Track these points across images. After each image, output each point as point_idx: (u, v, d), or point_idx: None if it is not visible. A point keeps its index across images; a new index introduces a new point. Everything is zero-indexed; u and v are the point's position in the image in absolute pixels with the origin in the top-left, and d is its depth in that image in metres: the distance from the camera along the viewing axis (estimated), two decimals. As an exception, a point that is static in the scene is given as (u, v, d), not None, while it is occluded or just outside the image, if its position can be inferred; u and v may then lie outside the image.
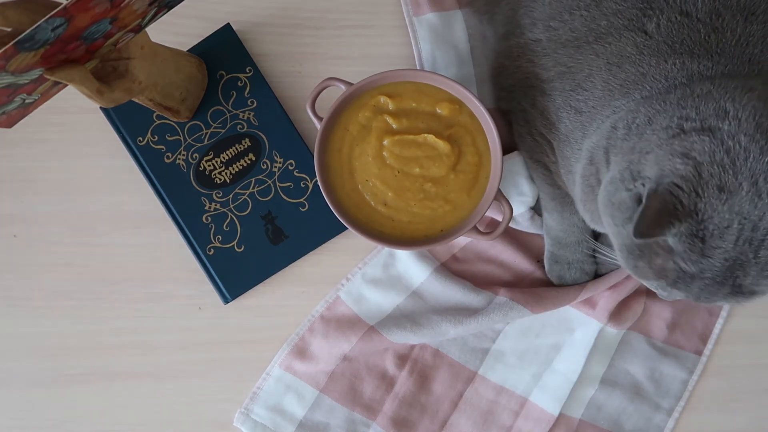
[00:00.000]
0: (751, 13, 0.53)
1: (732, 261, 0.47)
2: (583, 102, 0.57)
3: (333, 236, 0.72)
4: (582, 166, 0.58)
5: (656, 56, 0.53)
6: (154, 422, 0.72)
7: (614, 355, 0.72)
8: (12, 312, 0.72)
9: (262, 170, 0.72)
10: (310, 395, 0.71)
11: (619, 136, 0.53)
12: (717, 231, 0.46)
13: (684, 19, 0.53)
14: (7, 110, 0.52)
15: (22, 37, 0.43)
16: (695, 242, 0.46)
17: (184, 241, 0.72)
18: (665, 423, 0.72)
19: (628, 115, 0.53)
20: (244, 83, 0.72)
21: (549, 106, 0.61)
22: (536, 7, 0.62)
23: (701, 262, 0.47)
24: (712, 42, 0.53)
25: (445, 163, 0.63)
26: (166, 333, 0.73)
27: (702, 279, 0.48)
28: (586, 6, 0.58)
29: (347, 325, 0.71)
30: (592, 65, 0.57)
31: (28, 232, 0.73)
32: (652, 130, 0.50)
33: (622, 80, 0.55)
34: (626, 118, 0.53)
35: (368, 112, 0.64)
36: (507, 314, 0.69)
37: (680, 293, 0.51)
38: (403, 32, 0.74)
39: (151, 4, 0.52)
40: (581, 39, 0.58)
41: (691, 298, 0.50)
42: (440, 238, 0.64)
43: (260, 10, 0.74)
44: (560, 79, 0.60)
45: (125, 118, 0.72)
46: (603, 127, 0.55)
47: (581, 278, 0.70)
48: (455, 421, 0.72)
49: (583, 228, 0.68)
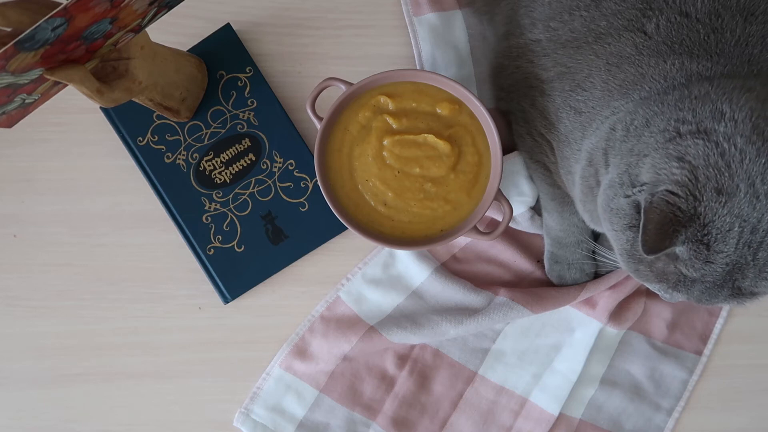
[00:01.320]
0: (751, 14, 0.53)
1: (732, 264, 0.47)
2: (583, 102, 0.57)
3: (333, 236, 0.72)
4: (581, 167, 0.58)
5: (655, 57, 0.53)
6: (154, 422, 0.72)
7: (614, 355, 0.72)
8: (12, 312, 0.72)
9: (262, 170, 0.72)
10: (310, 395, 0.71)
11: (617, 138, 0.53)
12: (720, 235, 0.46)
13: (683, 19, 0.53)
14: (7, 110, 0.52)
15: (22, 37, 0.43)
16: (701, 249, 0.46)
17: (184, 241, 0.72)
18: (665, 423, 0.72)
19: (626, 117, 0.53)
20: (244, 83, 0.72)
21: (548, 106, 0.61)
22: (536, 7, 0.62)
23: (704, 267, 0.47)
24: (711, 42, 0.53)
25: (445, 163, 0.63)
26: (166, 333, 0.73)
27: (703, 283, 0.48)
28: (585, 6, 0.58)
29: (347, 325, 0.72)
30: (591, 66, 0.57)
31: (28, 232, 0.73)
32: (650, 132, 0.50)
33: (621, 80, 0.55)
34: (624, 120, 0.53)
35: (368, 112, 0.64)
36: (507, 314, 0.69)
37: (681, 296, 0.51)
38: (403, 32, 0.74)
39: (151, 4, 0.52)
40: (581, 39, 0.58)
41: (692, 300, 0.50)
42: (440, 238, 0.64)
43: (260, 10, 0.74)
44: (560, 79, 0.60)
45: (125, 118, 0.72)
46: (602, 128, 0.55)
47: (581, 278, 0.70)
48: (455, 421, 0.72)
49: (583, 228, 0.68)
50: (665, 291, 0.51)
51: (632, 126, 0.52)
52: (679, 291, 0.50)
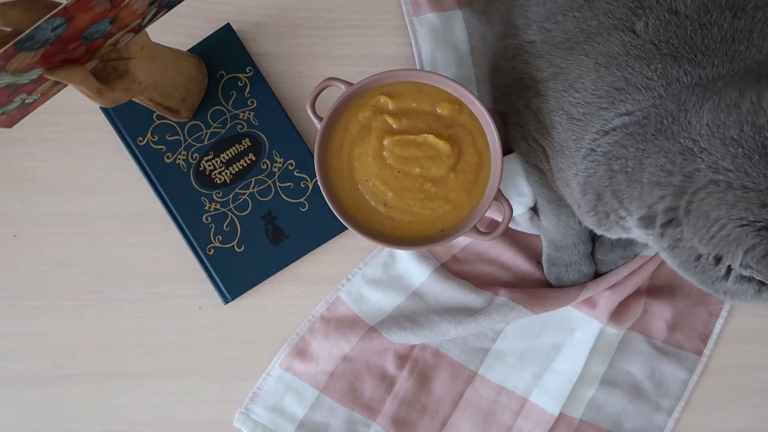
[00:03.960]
0: (741, 9, 0.53)
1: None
2: (575, 106, 0.57)
3: (333, 236, 0.72)
4: (589, 199, 0.58)
5: (640, 60, 0.54)
6: (154, 422, 0.72)
7: (614, 355, 0.72)
8: (12, 312, 0.72)
9: (262, 170, 0.72)
10: (310, 395, 0.71)
11: (621, 182, 0.54)
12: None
13: (672, 16, 0.53)
14: (7, 110, 0.52)
15: (22, 37, 0.43)
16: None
17: (184, 241, 0.72)
18: (665, 423, 0.72)
19: (617, 150, 0.54)
20: (244, 83, 0.72)
21: (543, 107, 0.61)
22: (531, 7, 0.62)
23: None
24: (697, 39, 0.53)
25: (445, 163, 0.63)
26: (166, 333, 0.73)
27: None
28: (578, 7, 0.58)
29: (347, 325, 0.71)
30: (581, 65, 0.57)
31: (28, 232, 0.73)
32: (657, 185, 0.52)
33: (609, 84, 0.55)
34: (618, 156, 0.54)
35: (368, 112, 0.64)
36: (507, 314, 0.69)
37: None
38: (403, 32, 0.74)
39: (151, 4, 0.52)
40: (572, 40, 0.58)
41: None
42: (440, 238, 0.64)
43: (260, 10, 0.74)
44: (553, 79, 0.60)
45: (125, 118, 0.72)
46: (597, 158, 0.56)
47: (580, 279, 0.70)
48: (455, 421, 0.72)
49: (580, 230, 0.68)
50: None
51: (629, 168, 0.53)
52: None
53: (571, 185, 0.59)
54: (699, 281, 0.53)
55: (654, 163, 0.52)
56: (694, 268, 0.52)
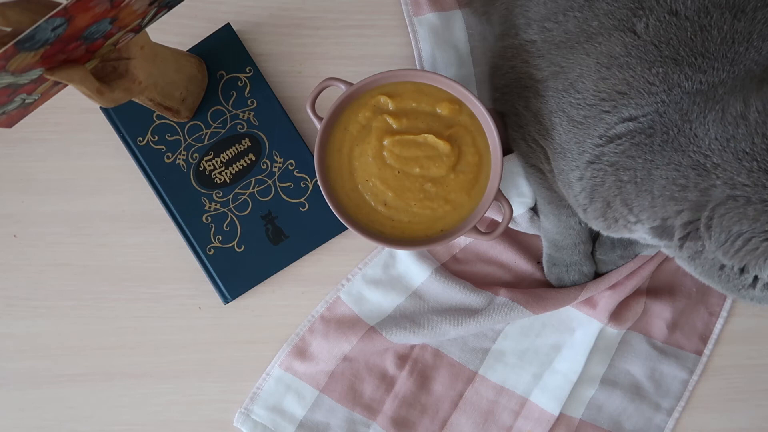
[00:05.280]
0: (741, 10, 0.53)
1: None
2: (576, 108, 0.57)
3: (333, 236, 0.72)
4: (598, 206, 0.58)
5: (641, 61, 0.54)
6: (154, 422, 0.72)
7: (614, 355, 0.72)
8: (12, 312, 0.72)
9: (262, 170, 0.72)
10: (310, 395, 0.71)
11: (630, 191, 0.54)
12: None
13: (672, 18, 0.53)
14: (7, 110, 0.52)
15: (22, 37, 0.43)
16: None
17: (184, 241, 0.72)
18: (665, 423, 0.72)
19: (625, 161, 0.54)
20: (244, 83, 0.72)
21: (542, 108, 0.61)
22: (531, 7, 0.62)
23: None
24: (697, 42, 0.53)
25: (445, 163, 0.63)
26: (166, 333, 0.73)
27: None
28: (579, 7, 0.58)
29: (347, 325, 0.72)
30: (582, 65, 0.57)
31: (28, 232, 0.73)
32: (671, 200, 0.52)
33: (611, 86, 0.55)
34: (626, 167, 0.54)
35: (368, 112, 0.64)
36: (507, 315, 0.69)
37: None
38: (403, 32, 0.74)
39: (151, 4, 0.52)
40: (573, 40, 0.58)
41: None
42: (440, 238, 0.63)
43: (260, 10, 0.74)
44: (553, 79, 0.60)
45: (125, 118, 0.72)
46: (602, 166, 0.56)
47: (580, 280, 0.70)
48: (455, 421, 0.72)
49: (580, 230, 0.68)
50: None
51: (638, 179, 0.53)
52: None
53: (575, 189, 0.59)
54: (724, 288, 0.54)
55: (664, 175, 0.52)
56: (719, 278, 0.53)
